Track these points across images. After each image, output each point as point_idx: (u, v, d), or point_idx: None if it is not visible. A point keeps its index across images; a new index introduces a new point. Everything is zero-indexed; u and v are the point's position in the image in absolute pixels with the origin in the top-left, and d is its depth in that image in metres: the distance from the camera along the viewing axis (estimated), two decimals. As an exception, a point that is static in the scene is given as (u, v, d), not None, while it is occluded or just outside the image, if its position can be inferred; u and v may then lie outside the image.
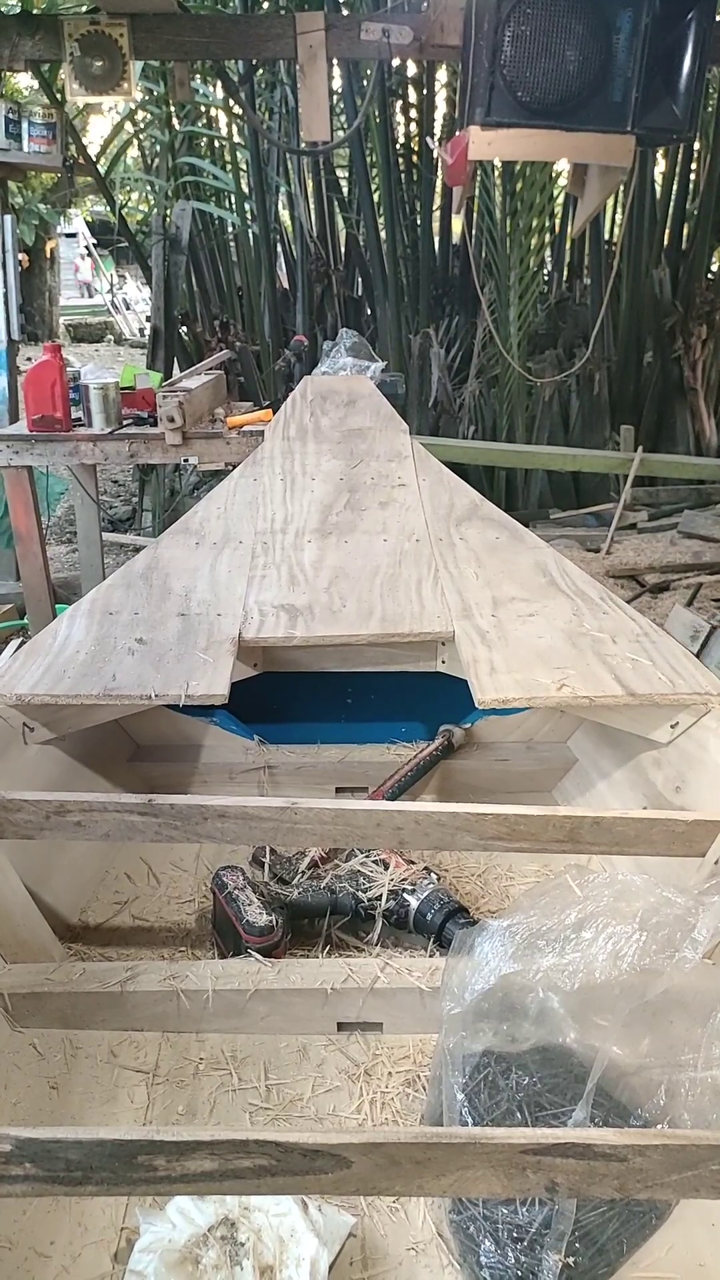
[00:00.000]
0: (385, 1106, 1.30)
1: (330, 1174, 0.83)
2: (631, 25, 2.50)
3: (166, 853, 1.86)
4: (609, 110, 2.58)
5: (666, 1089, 1.06)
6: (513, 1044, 1.13)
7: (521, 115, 2.58)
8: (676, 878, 1.35)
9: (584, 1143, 0.83)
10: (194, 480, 5.34)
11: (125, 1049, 1.38)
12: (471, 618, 1.72)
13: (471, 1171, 0.84)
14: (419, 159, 5.64)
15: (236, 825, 1.32)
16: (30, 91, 7.08)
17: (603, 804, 1.84)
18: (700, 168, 5.83)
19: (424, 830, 1.33)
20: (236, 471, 2.28)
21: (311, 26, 3.52)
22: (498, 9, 2.48)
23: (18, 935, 1.44)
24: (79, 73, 3.52)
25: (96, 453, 3.18)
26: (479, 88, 2.57)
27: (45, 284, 12.36)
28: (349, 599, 1.79)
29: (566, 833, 1.32)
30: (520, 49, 2.51)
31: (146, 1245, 1.04)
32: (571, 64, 2.52)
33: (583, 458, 5.34)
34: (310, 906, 1.62)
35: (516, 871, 1.81)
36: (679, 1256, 1.08)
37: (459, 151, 2.72)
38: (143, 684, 1.54)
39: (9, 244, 3.87)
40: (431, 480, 2.20)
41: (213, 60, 4.32)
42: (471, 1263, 1.05)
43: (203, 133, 5.88)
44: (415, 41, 3.49)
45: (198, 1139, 0.82)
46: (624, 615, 1.75)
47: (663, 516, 5.38)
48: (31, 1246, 1.10)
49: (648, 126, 2.60)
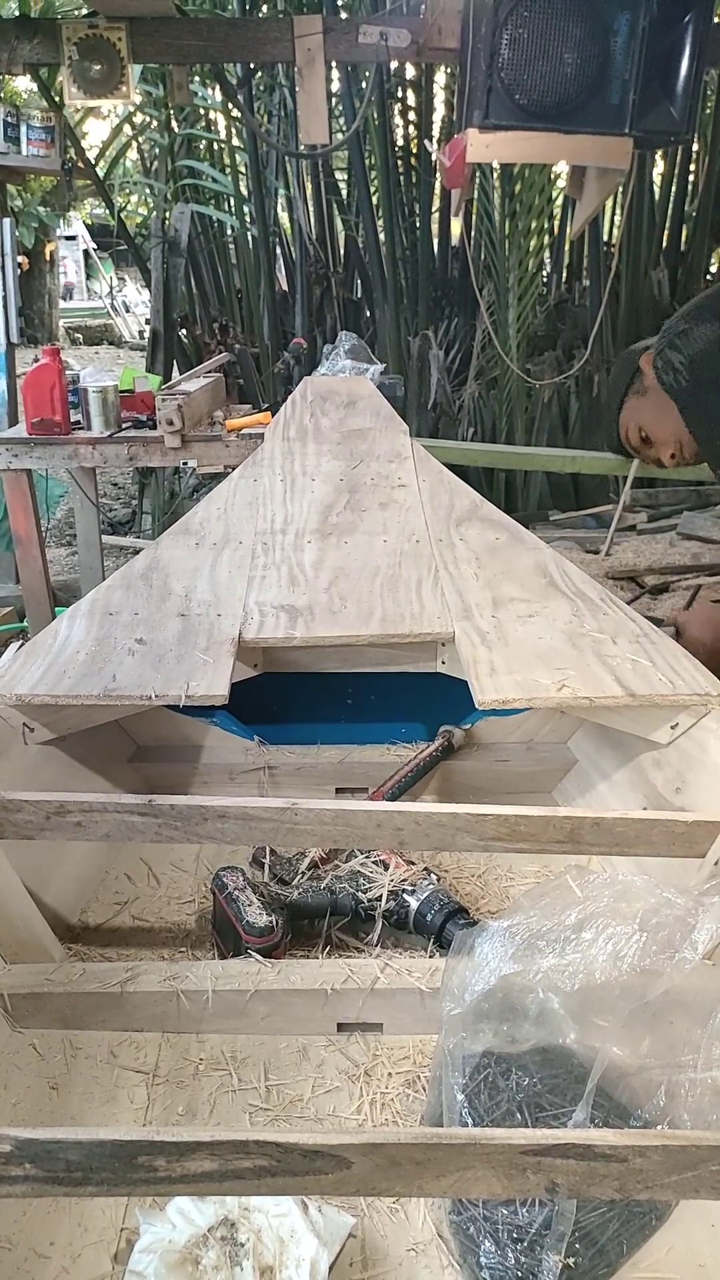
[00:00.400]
0: (385, 1107, 1.30)
1: (330, 1175, 0.83)
2: (629, 28, 2.50)
3: (166, 853, 1.86)
4: (607, 112, 2.58)
5: (666, 1090, 1.06)
6: (513, 1045, 1.13)
7: (519, 118, 2.58)
8: (677, 878, 1.35)
9: (584, 1143, 0.83)
10: (193, 483, 5.35)
11: (125, 1049, 1.38)
12: (471, 618, 1.72)
13: (471, 1172, 0.84)
14: (418, 161, 5.64)
15: (236, 826, 1.32)
16: (29, 95, 7.10)
17: (603, 805, 1.84)
18: (699, 169, 5.84)
19: (424, 831, 1.33)
20: (236, 472, 2.28)
21: (309, 30, 3.53)
22: (495, 12, 2.48)
23: (18, 935, 1.43)
24: (77, 76, 3.53)
25: (96, 456, 3.18)
26: (477, 90, 2.58)
27: (45, 287, 12.38)
28: (349, 599, 1.79)
29: (567, 833, 1.32)
30: (518, 52, 2.51)
31: (146, 1246, 1.04)
32: (569, 66, 2.53)
33: (582, 459, 5.34)
34: (310, 907, 1.62)
35: (516, 872, 1.81)
36: (679, 1257, 1.08)
37: (457, 154, 2.72)
38: (143, 684, 1.54)
39: (8, 247, 3.88)
40: (431, 481, 2.20)
41: (211, 64, 4.33)
42: (471, 1263, 1.05)
43: (202, 136, 5.89)
44: (413, 44, 3.50)
45: (198, 1139, 0.82)
46: (624, 616, 1.76)
47: (662, 518, 5.38)
48: (31, 1247, 1.10)
49: (645, 129, 2.61)
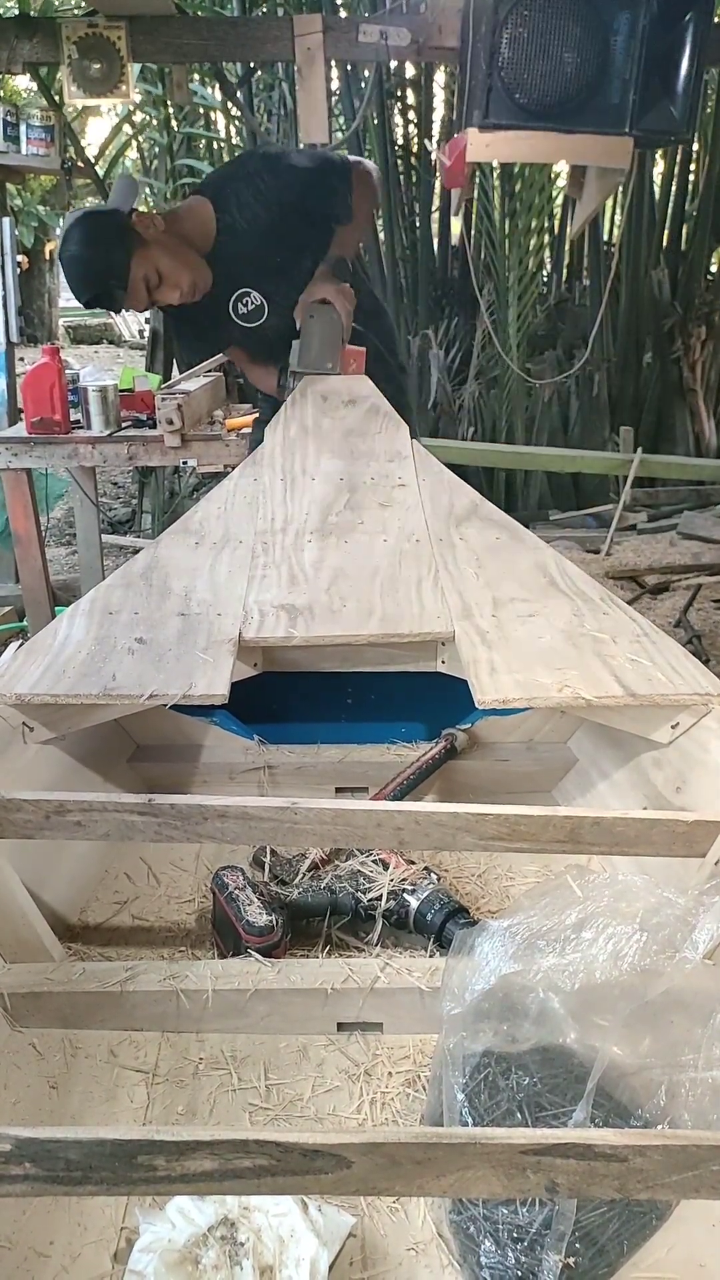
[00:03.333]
0: (385, 1107, 1.30)
1: (330, 1174, 0.83)
2: (629, 27, 2.49)
3: (166, 853, 1.86)
4: (607, 112, 2.58)
5: (667, 1089, 1.06)
6: (513, 1044, 1.13)
7: (519, 117, 2.57)
8: (677, 878, 1.35)
9: (584, 1143, 0.83)
10: (193, 482, 5.35)
11: (125, 1049, 1.38)
12: (472, 618, 1.72)
13: (471, 1172, 0.84)
14: (417, 161, 5.64)
15: (236, 825, 1.32)
16: (28, 94, 7.09)
17: (603, 804, 1.84)
18: (699, 169, 5.84)
19: (424, 830, 1.33)
20: (236, 471, 2.28)
21: (309, 29, 3.53)
22: (495, 11, 2.47)
23: (18, 935, 1.43)
24: (77, 75, 3.52)
25: (95, 455, 3.18)
26: (477, 90, 2.57)
27: (44, 286, 12.37)
28: (349, 599, 1.79)
29: (567, 833, 1.32)
30: (518, 51, 2.50)
31: (146, 1245, 1.04)
32: (569, 66, 2.52)
33: (582, 459, 5.34)
34: (310, 907, 1.62)
35: (517, 872, 1.81)
36: (679, 1257, 1.08)
37: (457, 153, 2.72)
38: (143, 684, 1.54)
39: (8, 246, 3.88)
40: (431, 480, 2.19)
41: (211, 63, 4.32)
42: (472, 1263, 1.05)
43: (201, 134, 5.89)
44: (413, 44, 3.49)
45: (198, 1139, 0.82)
46: (624, 616, 1.75)
47: (662, 518, 5.38)
48: (31, 1246, 1.10)
49: (646, 128, 2.60)
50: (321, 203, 2.47)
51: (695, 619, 4.05)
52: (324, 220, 2.51)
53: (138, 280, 2.34)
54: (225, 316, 2.59)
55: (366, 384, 2.40)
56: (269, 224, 2.44)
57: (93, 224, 2.36)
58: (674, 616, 4.06)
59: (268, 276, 2.52)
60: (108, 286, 2.34)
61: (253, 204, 2.44)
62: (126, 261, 2.30)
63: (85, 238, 2.33)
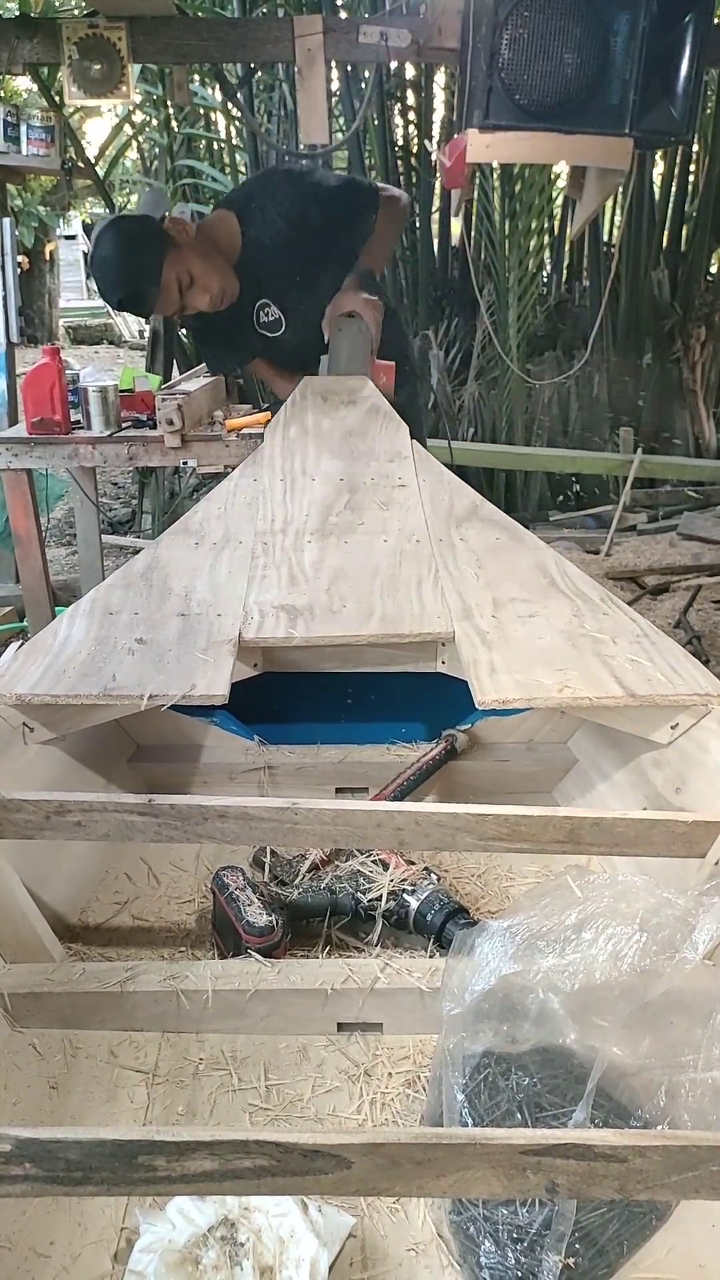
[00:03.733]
0: (385, 1107, 1.30)
1: (330, 1174, 0.83)
2: (629, 28, 2.49)
3: (166, 853, 1.86)
4: (607, 113, 2.58)
5: (667, 1090, 1.06)
6: (513, 1045, 1.13)
7: (519, 118, 2.57)
8: (677, 879, 1.35)
9: (584, 1143, 0.83)
10: (193, 483, 5.35)
11: (125, 1049, 1.38)
12: (472, 618, 1.72)
13: (471, 1172, 0.84)
14: (417, 162, 5.64)
15: (236, 825, 1.32)
16: (29, 94, 7.09)
17: (603, 805, 1.84)
18: (699, 170, 5.84)
19: (424, 831, 1.33)
20: (236, 471, 2.28)
21: (309, 30, 3.53)
22: (495, 12, 2.47)
23: (18, 935, 1.43)
24: (77, 76, 3.52)
25: (96, 455, 3.18)
26: (477, 91, 2.57)
27: (45, 286, 12.38)
28: (349, 599, 1.79)
29: (567, 833, 1.32)
30: (518, 52, 2.51)
31: (146, 1245, 1.04)
32: (569, 67, 2.52)
33: (582, 459, 5.35)
34: (310, 907, 1.62)
35: (516, 872, 1.81)
36: (679, 1257, 1.08)
37: (457, 154, 2.72)
38: (143, 684, 1.54)
39: (8, 246, 3.88)
40: (431, 481, 2.20)
41: (211, 63, 4.32)
42: (471, 1263, 1.05)
43: (201, 135, 5.89)
44: (413, 44, 3.49)
45: (198, 1139, 0.82)
46: (624, 616, 1.76)
47: (662, 518, 5.38)
48: (31, 1246, 1.10)
49: (646, 129, 2.60)
50: (344, 224, 2.50)
51: (695, 620, 4.05)
52: (345, 241, 2.54)
53: (170, 281, 2.35)
54: (249, 326, 2.62)
55: (366, 384, 2.41)
56: (290, 240, 2.48)
57: (126, 226, 2.38)
58: (674, 617, 4.06)
59: (286, 291, 2.56)
60: (140, 286, 2.36)
61: (276, 220, 2.47)
62: (159, 262, 2.32)
63: (118, 239, 2.35)
